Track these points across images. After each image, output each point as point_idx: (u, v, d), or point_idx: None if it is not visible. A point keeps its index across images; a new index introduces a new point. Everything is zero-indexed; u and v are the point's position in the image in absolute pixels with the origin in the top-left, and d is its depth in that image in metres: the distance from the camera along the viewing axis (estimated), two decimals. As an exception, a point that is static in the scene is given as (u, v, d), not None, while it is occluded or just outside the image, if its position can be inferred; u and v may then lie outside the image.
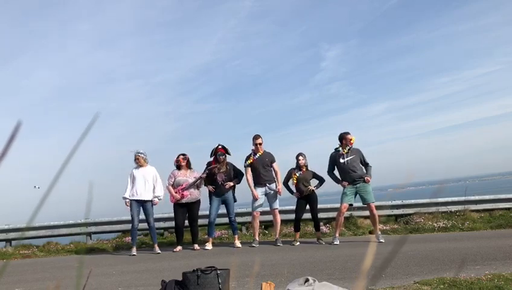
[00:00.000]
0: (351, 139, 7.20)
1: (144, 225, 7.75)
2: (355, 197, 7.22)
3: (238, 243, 7.61)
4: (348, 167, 7.14)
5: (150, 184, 7.40)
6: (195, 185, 7.57)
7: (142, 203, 7.37)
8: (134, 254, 7.34)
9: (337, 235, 7.34)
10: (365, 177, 7.09)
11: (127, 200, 7.32)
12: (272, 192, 7.56)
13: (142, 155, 7.47)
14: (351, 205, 7.30)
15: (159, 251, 7.40)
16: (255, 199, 7.51)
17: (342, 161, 7.18)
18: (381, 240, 7.09)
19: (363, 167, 7.25)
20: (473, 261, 4.84)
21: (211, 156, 7.66)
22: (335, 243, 7.18)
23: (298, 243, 7.49)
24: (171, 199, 7.53)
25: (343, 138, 7.25)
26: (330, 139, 7.48)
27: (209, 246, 7.54)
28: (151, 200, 7.41)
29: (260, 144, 7.62)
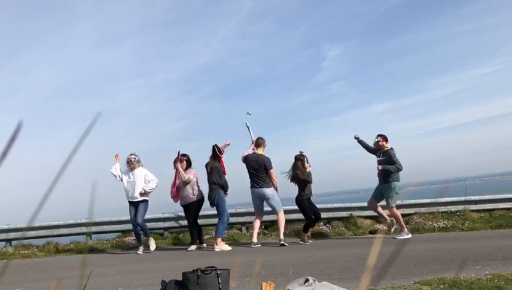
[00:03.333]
0: (378, 142, 7.60)
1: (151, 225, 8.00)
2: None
3: (217, 247, 7.26)
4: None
5: (140, 186, 7.46)
6: (184, 183, 7.43)
7: (135, 205, 7.49)
8: (139, 253, 7.41)
9: (392, 223, 7.75)
10: (377, 166, 7.46)
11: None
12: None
13: (134, 157, 7.52)
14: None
15: (140, 252, 7.41)
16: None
17: (376, 158, 7.60)
18: (396, 237, 7.41)
19: (393, 169, 7.43)
20: (473, 261, 4.84)
21: (220, 153, 7.55)
22: (405, 237, 7.45)
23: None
24: (174, 200, 7.59)
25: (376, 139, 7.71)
26: (331, 139, 7.56)
27: (226, 246, 7.38)
28: (143, 201, 7.47)
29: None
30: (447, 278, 3.92)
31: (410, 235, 7.52)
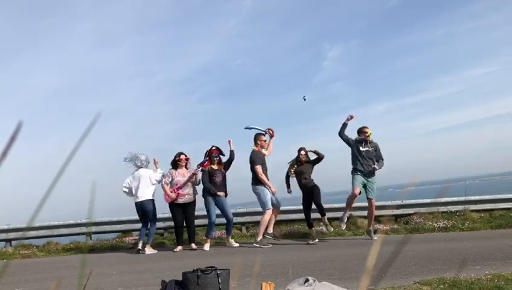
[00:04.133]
0: (366, 133, 7.40)
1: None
2: (362, 187, 7.45)
3: (234, 243, 7.68)
4: (365, 156, 7.36)
5: None
6: (191, 183, 7.58)
7: None
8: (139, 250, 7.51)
9: (346, 214, 7.72)
10: (374, 166, 7.30)
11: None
12: None
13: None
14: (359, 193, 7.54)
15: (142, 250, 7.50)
16: (272, 193, 7.60)
17: (361, 148, 7.39)
18: (374, 238, 7.44)
19: (376, 162, 7.43)
20: (473, 261, 4.84)
21: (204, 158, 7.63)
22: (343, 226, 7.79)
23: (317, 240, 7.50)
24: (165, 199, 7.57)
25: (360, 131, 7.48)
26: (330, 139, 7.56)
27: (207, 247, 7.43)
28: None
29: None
30: (447, 278, 3.92)
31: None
